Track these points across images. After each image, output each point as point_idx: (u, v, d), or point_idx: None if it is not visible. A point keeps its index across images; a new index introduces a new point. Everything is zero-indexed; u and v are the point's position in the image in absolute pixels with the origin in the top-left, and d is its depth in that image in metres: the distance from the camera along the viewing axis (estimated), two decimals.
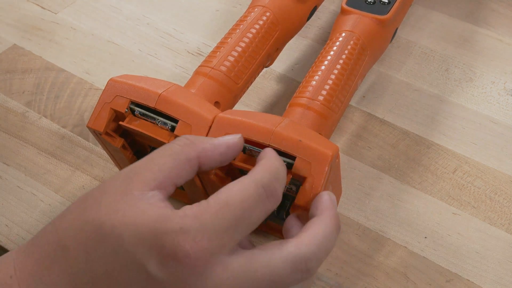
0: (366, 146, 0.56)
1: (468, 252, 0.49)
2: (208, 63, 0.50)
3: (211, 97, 0.48)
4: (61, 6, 0.69)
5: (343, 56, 0.51)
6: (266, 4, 0.54)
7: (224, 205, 0.35)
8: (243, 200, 0.35)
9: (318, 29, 0.67)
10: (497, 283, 0.47)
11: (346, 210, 0.51)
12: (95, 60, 0.64)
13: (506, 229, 0.50)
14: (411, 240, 0.49)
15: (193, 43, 0.65)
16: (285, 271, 0.35)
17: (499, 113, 0.58)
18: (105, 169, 0.54)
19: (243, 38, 0.51)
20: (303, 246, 0.36)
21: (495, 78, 0.61)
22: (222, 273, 0.34)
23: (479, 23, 0.67)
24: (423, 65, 0.63)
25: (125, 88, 0.45)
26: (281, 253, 0.35)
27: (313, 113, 0.48)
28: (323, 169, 0.41)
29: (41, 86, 0.61)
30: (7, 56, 0.64)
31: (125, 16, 0.68)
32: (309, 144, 0.42)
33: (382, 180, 0.53)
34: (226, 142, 0.39)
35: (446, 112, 0.58)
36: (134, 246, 0.34)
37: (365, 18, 0.54)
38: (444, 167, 0.54)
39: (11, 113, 0.59)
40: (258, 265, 0.35)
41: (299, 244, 0.36)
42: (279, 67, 0.62)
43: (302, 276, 0.36)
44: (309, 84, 0.49)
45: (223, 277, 0.34)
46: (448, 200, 0.52)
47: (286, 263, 0.35)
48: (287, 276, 0.35)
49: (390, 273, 0.47)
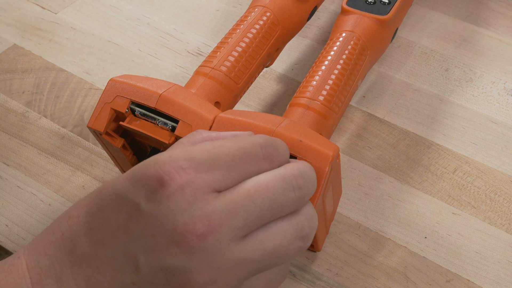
0: (366, 146, 0.56)
1: (468, 252, 0.49)
2: (208, 63, 0.50)
3: (212, 97, 0.48)
4: (61, 6, 0.69)
5: (344, 56, 0.51)
6: (266, 4, 0.54)
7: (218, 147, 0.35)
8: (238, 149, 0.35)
9: (318, 29, 0.67)
10: (497, 283, 0.47)
11: (346, 210, 0.51)
12: (95, 60, 0.64)
13: (506, 229, 0.50)
14: (411, 240, 0.49)
15: (193, 43, 0.65)
16: (277, 187, 0.35)
17: (499, 113, 0.58)
18: (105, 169, 0.54)
19: (244, 38, 0.51)
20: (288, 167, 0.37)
21: (495, 78, 0.61)
22: (215, 202, 0.33)
23: (479, 23, 0.67)
24: (423, 65, 0.63)
25: (126, 88, 0.45)
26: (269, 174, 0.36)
27: (314, 113, 0.48)
28: (324, 169, 0.42)
29: (41, 86, 0.61)
30: (7, 56, 0.64)
31: (125, 16, 0.68)
32: (309, 144, 0.42)
33: (382, 180, 0.53)
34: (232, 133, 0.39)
35: (446, 112, 0.58)
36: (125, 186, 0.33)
37: (366, 18, 0.54)
38: (444, 167, 0.54)
39: (11, 113, 0.59)
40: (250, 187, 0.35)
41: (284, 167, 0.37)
42: (279, 67, 0.62)
43: (295, 195, 0.36)
44: (309, 84, 0.49)
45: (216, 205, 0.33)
46: (448, 200, 0.52)
47: (276, 179, 0.35)
48: (279, 192, 0.35)
49: (390, 273, 0.47)
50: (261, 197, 0.34)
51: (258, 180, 0.35)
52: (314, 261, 0.48)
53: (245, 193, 0.34)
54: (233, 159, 0.35)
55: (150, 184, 0.33)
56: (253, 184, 0.35)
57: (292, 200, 0.36)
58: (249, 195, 0.34)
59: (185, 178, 0.33)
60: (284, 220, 0.36)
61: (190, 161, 0.33)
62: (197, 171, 0.33)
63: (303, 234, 0.36)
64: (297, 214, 0.36)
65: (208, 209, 0.33)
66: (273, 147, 0.37)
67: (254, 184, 0.35)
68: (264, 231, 0.35)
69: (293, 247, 0.36)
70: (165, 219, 0.32)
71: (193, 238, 0.32)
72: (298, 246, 0.36)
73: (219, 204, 0.33)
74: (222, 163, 0.34)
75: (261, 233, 0.35)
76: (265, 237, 0.35)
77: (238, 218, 0.34)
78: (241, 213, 0.34)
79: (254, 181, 0.35)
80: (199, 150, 0.34)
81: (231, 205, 0.34)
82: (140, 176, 0.33)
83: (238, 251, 0.34)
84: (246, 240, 0.34)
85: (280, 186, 0.35)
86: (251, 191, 0.34)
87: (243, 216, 0.34)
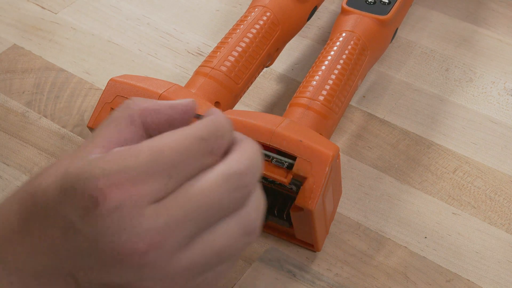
0: (366, 146, 0.56)
1: (468, 252, 0.49)
2: (208, 63, 0.50)
3: (212, 97, 0.48)
4: (61, 6, 0.69)
5: (344, 56, 0.51)
6: (266, 4, 0.54)
7: (156, 151, 0.31)
8: (177, 150, 0.32)
9: (318, 29, 0.67)
10: (497, 283, 0.47)
11: (346, 210, 0.51)
12: (95, 60, 0.64)
13: (506, 229, 0.50)
14: (411, 240, 0.49)
15: (193, 43, 0.65)
16: (221, 190, 0.32)
17: (499, 113, 0.58)
18: None
19: (244, 38, 0.52)
20: (233, 162, 0.33)
21: (495, 78, 0.61)
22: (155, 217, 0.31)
23: (479, 23, 0.67)
24: (423, 65, 0.63)
25: (126, 88, 0.45)
26: (212, 175, 0.32)
27: (314, 113, 0.48)
28: (324, 169, 0.42)
29: (41, 86, 0.61)
30: (7, 56, 0.64)
31: (125, 16, 0.68)
32: (309, 144, 0.42)
33: (382, 180, 0.53)
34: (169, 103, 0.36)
35: (446, 112, 0.58)
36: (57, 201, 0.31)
37: (366, 18, 0.54)
38: (444, 167, 0.54)
39: (11, 113, 0.59)
40: (192, 195, 0.32)
41: (228, 163, 0.33)
42: (279, 67, 0.62)
43: (241, 193, 0.33)
44: (309, 84, 0.49)
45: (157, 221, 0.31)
46: (448, 200, 0.52)
47: (219, 182, 0.32)
48: (224, 196, 0.32)
49: (390, 273, 0.47)
50: (204, 204, 0.32)
51: (201, 187, 0.32)
52: (314, 261, 0.48)
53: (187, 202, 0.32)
54: (173, 163, 0.32)
55: (83, 203, 0.30)
56: (196, 192, 0.32)
57: (237, 199, 0.34)
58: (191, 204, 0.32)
59: (121, 195, 0.30)
60: (229, 219, 0.34)
61: (126, 173, 0.31)
62: (134, 184, 0.31)
63: (250, 230, 0.34)
64: (242, 209, 0.34)
65: (148, 226, 0.31)
66: (216, 137, 0.34)
67: (196, 192, 0.32)
68: (210, 233, 0.33)
69: (241, 244, 0.34)
70: (102, 239, 0.31)
71: (134, 257, 0.31)
72: (245, 242, 0.35)
73: (159, 218, 0.31)
74: (162, 170, 0.31)
75: (207, 236, 0.33)
76: (211, 239, 0.33)
77: (181, 229, 0.32)
78: (184, 223, 0.32)
79: (196, 188, 0.32)
80: (136, 157, 0.31)
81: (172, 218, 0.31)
82: (72, 191, 0.31)
83: (184, 258, 0.32)
84: (192, 245, 0.33)
85: (225, 189, 0.33)
86: (193, 200, 0.32)
87: (185, 227, 0.32)
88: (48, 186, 0.32)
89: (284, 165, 0.43)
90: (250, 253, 0.49)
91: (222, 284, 0.47)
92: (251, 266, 0.48)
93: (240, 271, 0.47)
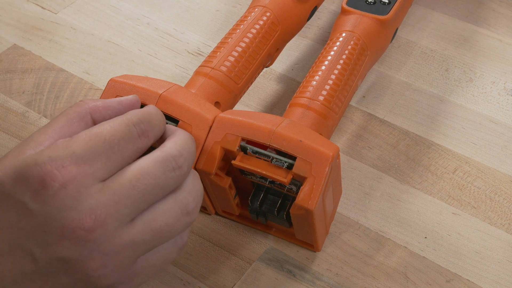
0: (366, 146, 0.56)
1: (468, 252, 0.49)
2: (208, 63, 0.50)
3: (212, 97, 0.48)
4: (61, 6, 0.69)
5: (344, 56, 0.51)
6: (266, 4, 0.54)
7: (94, 136, 0.36)
8: (113, 133, 0.36)
9: (318, 29, 0.67)
10: (497, 283, 0.47)
11: (346, 210, 0.51)
12: (95, 60, 0.64)
13: (506, 229, 0.50)
14: (411, 240, 0.49)
15: (193, 43, 0.65)
16: (156, 170, 0.37)
17: (499, 113, 0.58)
18: None
19: (244, 38, 0.52)
20: (167, 147, 0.38)
21: (495, 78, 0.61)
22: (99, 195, 0.35)
23: (479, 23, 0.67)
24: (423, 65, 0.63)
25: (126, 88, 0.45)
26: (149, 157, 0.37)
27: (314, 113, 0.48)
28: (324, 170, 0.42)
29: (41, 86, 0.61)
30: (7, 56, 0.64)
31: (125, 16, 0.68)
32: (309, 145, 0.42)
33: (382, 180, 0.53)
34: (118, 99, 0.41)
35: (446, 112, 0.58)
36: (11, 186, 0.35)
37: (366, 18, 0.54)
38: (444, 167, 0.54)
39: (11, 113, 0.59)
40: (131, 174, 0.36)
41: (163, 147, 0.38)
42: (279, 67, 0.62)
43: (176, 174, 0.37)
44: (309, 84, 0.49)
45: (101, 198, 0.35)
46: (448, 200, 0.52)
47: (155, 163, 0.37)
48: (160, 175, 0.37)
49: (390, 273, 0.47)
50: (143, 183, 0.36)
51: (139, 167, 0.37)
52: (314, 261, 0.48)
53: (127, 181, 0.36)
54: (110, 145, 0.36)
55: (33, 185, 0.34)
56: (135, 172, 0.36)
57: (173, 179, 0.38)
58: (131, 183, 0.36)
59: (67, 176, 0.34)
60: (168, 199, 0.38)
61: (70, 157, 0.35)
62: (78, 165, 0.35)
63: (188, 210, 0.38)
64: (180, 190, 0.38)
65: (93, 203, 0.35)
66: (146, 122, 0.39)
67: (135, 172, 0.36)
68: (150, 212, 0.37)
69: (180, 223, 0.38)
70: (53, 217, 0.34)
71: (81, 232, 0.34)
72: (185, 221, 0.38)
73: (103, 196, 0.35)
74: (101, 152, 0.36)
75: (147, 215, 0.37)
76: (151, 217, 0.37)
77: (123, 206, 0.35)
78: (125, 201, 0.36)
79: (135, 168, 0.36)
80: (77, 143, 0.36)
81: (115, 196, 0.35)
82: (23, 177, 0.35)
83: (126, 235, 0.36)
84: (133, 223, 0.36)
85: (161, 169, 0.37)
86: (133, 179, 0.36)
87: (127, 204, 0.36)
88: (3, 175, 0.35)
89: (284, 165, 0.43)
90: (250, 253, 0.49)
91: (222, 282, 0.47)
92: (251, 266, 0.48)
93: (240, 271, 0.47)
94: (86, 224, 0.35)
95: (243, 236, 0.50)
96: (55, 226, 0.34)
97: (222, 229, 0.50)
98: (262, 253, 0.49)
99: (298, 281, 0.47)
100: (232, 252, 0.49)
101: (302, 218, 0.44)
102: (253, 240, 0.49)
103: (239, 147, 0.43)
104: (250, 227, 0.50)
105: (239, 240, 0.49)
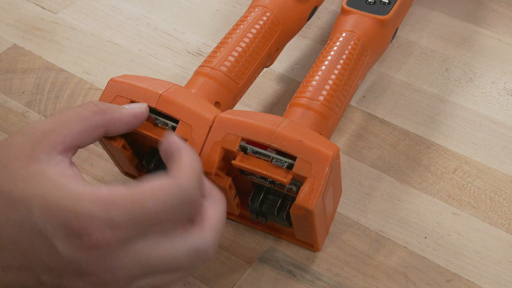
0: (366, 146, 0.56)
1: (468, 252, 0.49)
2: (208, 63, 0.50)
3: (212, 97, 0.48)
4: (61, 6, 0.69)
5: (344, 56, 0.51)
6: (266, 4, 0.54)
7: (138, 208, 0.35)
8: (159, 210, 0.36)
9: (318, 29, 0.67)
10: (497, 283, 0.47)
11: (346, 210, 0.51)
12: (95, 60, 0.64)
13: (506, 229, 0.50)
14: (411, 240, 0.49)
15: (193, 43, 0.65)
16: (188, 259, 0.37)
17: (499, 113, 0.58)
18: (105, 169, 0.54)
19: (244, 38, 0.52)
20: (206, 236, 0.38)
21: (495, 78, 0.61)
22: (125, 259, 0.35)
23: (479, 23, 0.67)
24: (423, 65, 0.63)
25: (126, 88, 0.45)
26: (185, 243, 0.37)
27: (314, 113, 0.48)
28: (324, 170, 0.42)
29: (41, 86, 0.61)
30: (7, 56, 0.64)
31: (125, 16, 0.68)
32: (309, 145, 0.42)
33: (382, 180, 0.53)
34: (133, 112, 0.42)
35: (446, 112, 0.58)
36: (42, 221, 0.34)
37: (366, 18, 0.54)
38: (444, 167, 0.54)
39: (11, 113, 0.59)
40: (162, 252, 0.36)
41: (201, 234, 0.38)
42: (279, 67, 0.62)
43: (202, 263, 0.38)
44: (309, 84, 0.49)
45: (126, 262, 0.35)
46: (448, 200, 0.52)
47: (189, 252, 0.37)
48: (188, 263, 0.37)
49: (390, 273, 0.47)
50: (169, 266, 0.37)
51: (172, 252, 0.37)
52: (314, 261, 0.48)
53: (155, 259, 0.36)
54: (152, 222, 0.36)
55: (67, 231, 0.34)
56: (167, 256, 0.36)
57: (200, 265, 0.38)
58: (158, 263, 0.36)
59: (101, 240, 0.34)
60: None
61: (109, 221, 0.34)
62: (113, 230, 0.35)
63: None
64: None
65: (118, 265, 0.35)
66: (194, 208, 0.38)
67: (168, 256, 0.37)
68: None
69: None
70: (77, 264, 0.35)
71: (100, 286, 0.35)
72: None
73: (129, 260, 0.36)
74: (140, 225, 0.35)
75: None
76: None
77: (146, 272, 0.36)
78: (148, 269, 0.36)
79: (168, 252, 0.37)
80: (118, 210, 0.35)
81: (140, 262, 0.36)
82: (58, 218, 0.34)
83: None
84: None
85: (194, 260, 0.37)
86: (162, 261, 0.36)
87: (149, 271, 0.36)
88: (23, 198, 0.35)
89: (284, 165, 0.43)
90: (250, 253, 0.49)
91: (222, 282, 0.47)
92: (251, 266, 0.48)
93: (240, 271, 0.47)
94: (106, 280, 0.35)
95: (243, 236, 0.50)
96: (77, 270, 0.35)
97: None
98: (262, 253, 0.49)
99: (298, 281, 0.47)
100: (232, 252, 0.49)
101: (302, 218, 0.44)
102: (253, 240, 0.49)
103: (239, 147, 0.43)
104: (250, 227, 0.50)
105: (239, 240, 0.49)
